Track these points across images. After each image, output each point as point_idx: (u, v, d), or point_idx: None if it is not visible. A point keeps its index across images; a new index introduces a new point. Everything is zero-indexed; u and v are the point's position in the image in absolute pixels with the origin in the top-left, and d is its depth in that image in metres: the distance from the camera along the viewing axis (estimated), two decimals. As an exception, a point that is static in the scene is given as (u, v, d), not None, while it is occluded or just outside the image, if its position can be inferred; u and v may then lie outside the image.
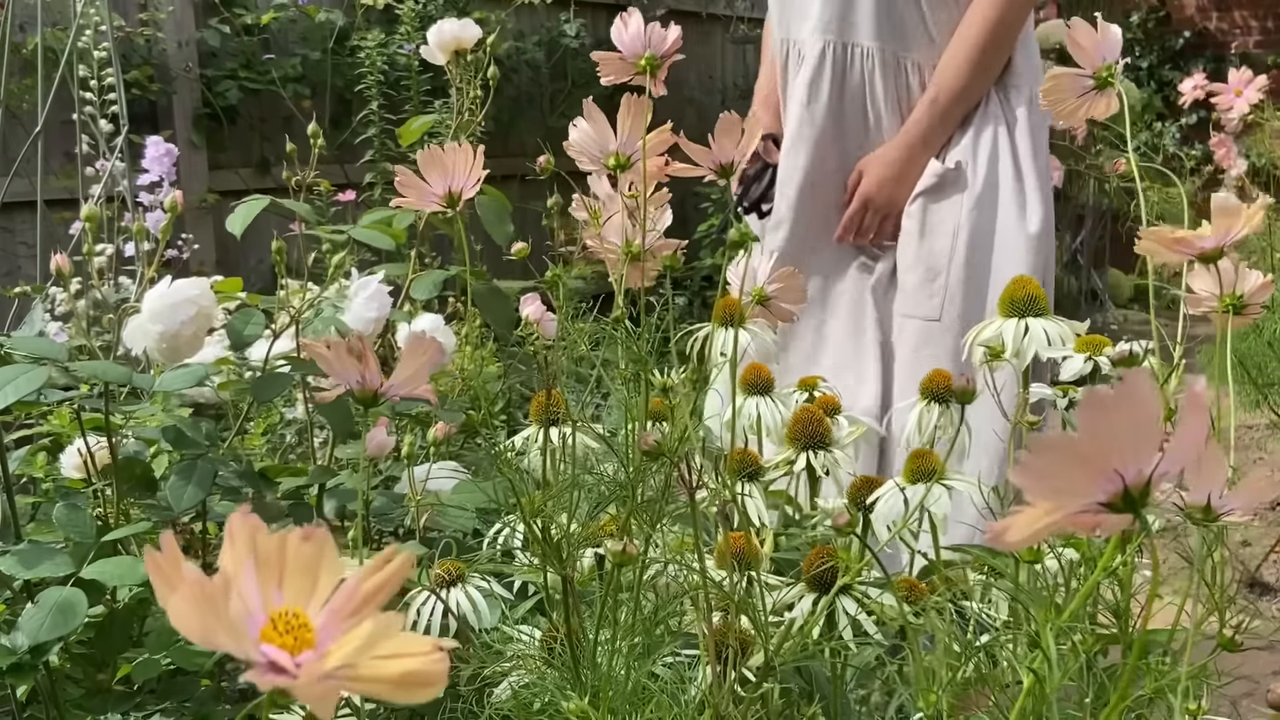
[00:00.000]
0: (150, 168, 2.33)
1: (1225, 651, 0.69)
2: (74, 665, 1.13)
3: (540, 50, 4.61)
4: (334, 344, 0.68)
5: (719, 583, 0.73)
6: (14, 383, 0.98)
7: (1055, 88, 0.77)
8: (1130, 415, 0.41)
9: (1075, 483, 0.42)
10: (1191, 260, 0.70)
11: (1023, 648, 0.63)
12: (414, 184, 0.79)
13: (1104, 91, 0.77)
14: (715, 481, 0.74)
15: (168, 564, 0.38)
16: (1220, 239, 0.69)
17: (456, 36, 1.39)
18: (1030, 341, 0.89)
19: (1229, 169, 2.73)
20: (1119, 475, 0.42)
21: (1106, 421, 0.41)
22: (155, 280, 1.14)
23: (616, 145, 0.81)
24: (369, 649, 0.39)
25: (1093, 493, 0.43)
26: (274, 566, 0.41)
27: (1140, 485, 0.43)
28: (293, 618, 0.40)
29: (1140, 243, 0.69)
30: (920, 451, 0.92)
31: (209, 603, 0.38)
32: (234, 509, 0.42)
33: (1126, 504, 0.43)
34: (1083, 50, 0.76)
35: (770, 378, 1.04)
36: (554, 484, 0.78)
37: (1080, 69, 0.77)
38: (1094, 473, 0.42)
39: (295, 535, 0.41)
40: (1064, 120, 0.78)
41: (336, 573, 0.41)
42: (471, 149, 0.78)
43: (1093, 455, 0.42)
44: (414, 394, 0.69)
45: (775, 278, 0.88)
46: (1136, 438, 0.42)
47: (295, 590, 0.41)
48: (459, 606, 0.92)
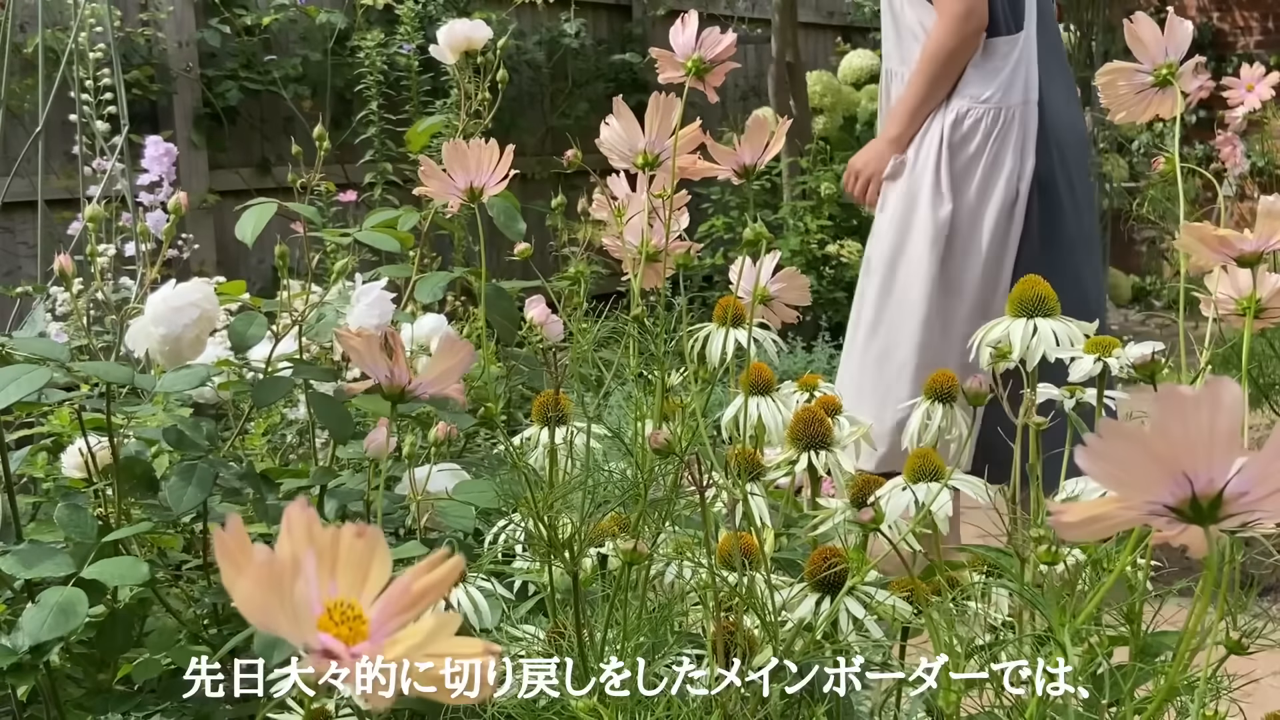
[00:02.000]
0: (150, 167, 2.33)
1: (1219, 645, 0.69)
2: (74, 665, 1.13)
3: (540, 50, 4.61)
4: (365, 336, 0.69)
5: (727, 580, 0.73)
6: (15, 383, 0.98)
7: (1111, 83, 0.75)
8: (1208, 419, 0.39)
9: (1140, 477, 0.40)
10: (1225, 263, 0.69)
11: (1028, 648, 0.62)
12: (437, 176, 0.79)
13: (1165, 90, 0.74)
14: (722, 480, 0.73)
15: (235, 544, 0.38)
16: (1263, 243, 0.67)
17: (468, 37, 1.39)
18: (1039, 342, 0.88)
19: (1233, 168, 2.72)
20: (1188, 480, 0.41)
21: (1182, 421, 0.39)
22: (157, 281, 1.14)
23: (645, 144, 0.81)
24: (428, 644, 0.40)
25: (1158, 492, 0.41)
26: (328, 559, 0.41)
27: (1210, 495, 0.41)
28: (348, 609, 0.40)
29: (1181, 238, 0.67)
30: (922, 451, 0.91)
31: (275, 585, 0.38)
32: (235, 510, 0.42)
33: (1195, 513, 0.41)
34: (1143, 45, 0.74)
35: (771, 378, 1.04)
36: (559, 484, 0.78)
37: (1139, 64, 0.74)
38: (1161, 471, 0.40)
39: (349, 530, 0.42)
40: (1124, 117, 0.76)
41: (386, 570, 0.42)
42: (498, 147, 0.78)
43: (1162, 453, 0.40)
44: (443, 393, 0.70)
45: (778, 277, 0.87)
46: (1212, 444, 0.40)
47: (347, 584, 0.41)
48: (460, 606, 0.92)
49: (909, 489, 0.88)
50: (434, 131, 1.65)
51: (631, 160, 0.82)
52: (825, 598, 0.82)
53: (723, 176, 0.83)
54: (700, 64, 0.81)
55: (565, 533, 0.75)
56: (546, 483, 0.79)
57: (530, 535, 0.79)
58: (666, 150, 0.81)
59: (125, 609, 1.11)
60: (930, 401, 0.95)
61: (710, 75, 0.82)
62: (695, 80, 0.82)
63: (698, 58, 0.81)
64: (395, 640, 0.40)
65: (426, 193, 0.80)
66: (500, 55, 1.43)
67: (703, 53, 0.81)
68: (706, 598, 0.72)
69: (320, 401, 1.15)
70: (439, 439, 1.05)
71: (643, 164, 0.81)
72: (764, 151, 0.81)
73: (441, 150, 0.79)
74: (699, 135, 0.82)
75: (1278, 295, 0.74)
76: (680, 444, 0.70)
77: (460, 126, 1.40)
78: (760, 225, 0.77)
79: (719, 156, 0.81)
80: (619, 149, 0.82)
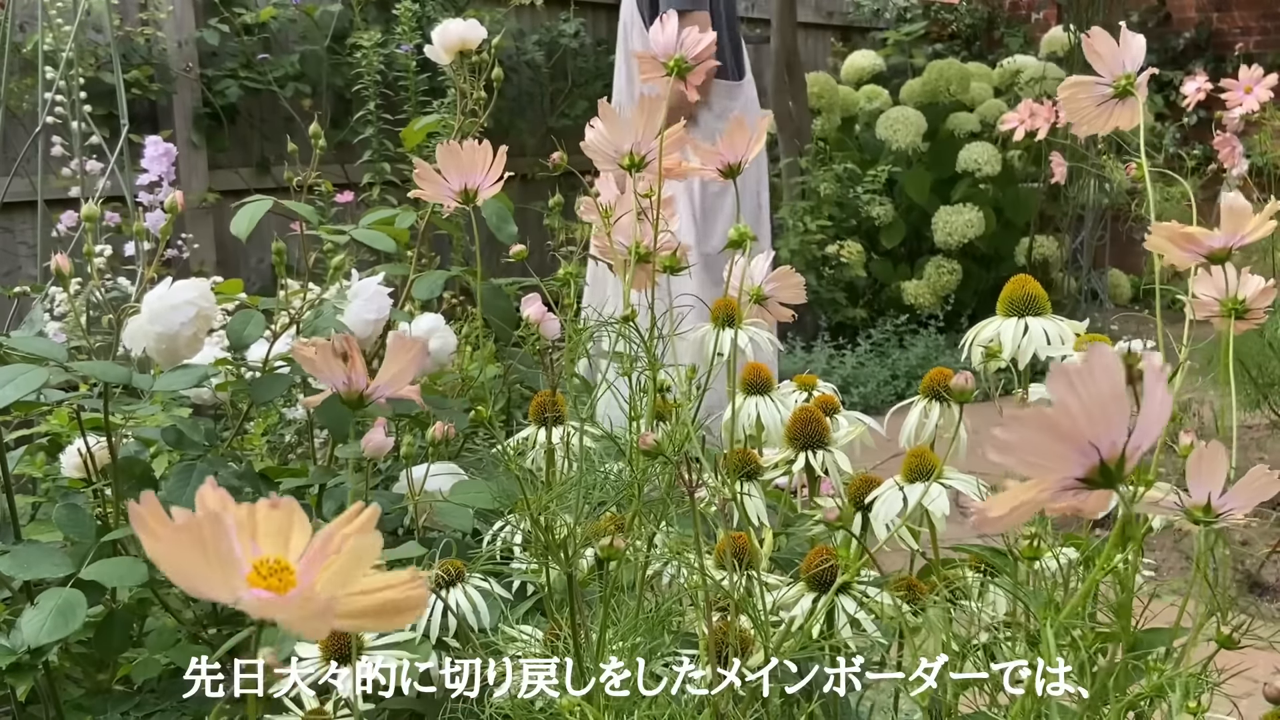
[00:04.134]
0: (149, 167, 2.33)
1: (1225, 650, 0.69)
2: (74, 665, 1.13)
3: (540, 50, 4.61)
4: (319, 346, 0.68)
5: (719, 582, 0.73)
6: (13, 382, 0.98)
7: (1071, 97, 0.76)
8: (1098, 386, 0.41)
9: (1051, 456, 0.43)
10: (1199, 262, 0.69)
11: (1022, 646, 0.63)
12: (431, 178, 0.79)
13: (1125, 101, 0.75)
14: (715, 481, 0.73)
15: (150, 515, 0.39)
16: (1229, 239, 0.68)
17: (462, 37, 1.38)
18: (1030, 341, 0.88)
19: (1232, 168, 2.71)
20: (1094, 448, 0.43)
21: (1075, 393, 0.41)
22: (155, 280, 1.14)
23: (631, 145, 0.81)
24: (352, 570, 0.41)
25: (1070, 467, 0.43)
26: (248, 529, 0.42)
27: (1116, 458, 0.43)
28: (275, 563, 0.41)
29: (1150, 239, 0.68)
30: (918, 450, 0.91)
31: (197, 542, 0.39)
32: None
33: (1105, 478, 0.43)
34: (1100, 58, 0.75)
35: (769, 377, 1.04)
36: (555, 484, 0.78)
37: (1099, 77, 0.75)
38: (1069, 446, 0.43)
39: (263, 504, 0.43)
40: (1086, 130, 0.77)
41: (306, 534, 0.43)
42: (491, 148, 0.78)
43: (1065, 428, 0.42)
44: (399, 394, 0.69)
45: (773, 276, 0.87)
46: (1107, 409, 0.42)
47: (270, 548, 0.42)
48: (458, 606, 0.92)
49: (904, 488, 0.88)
50: (430, 130, 1.65)
51: (617, 162, 0.82)
52: (820, 596, 0.82)
53: (708, 177, 0.82)
54: (682, 64, 0.81)
55: (563, 533, 0.75)
56: (542, 483, 0.79)
57: (527, 536, 0.79)
58: (652, 151, 0.80)
59: (124, 609, 1.11)
60: (927, 400, 0.95)
61: (691, 75, 0.82)
62: (677, 80, 0.82)
63: (679, 57, 0.81)
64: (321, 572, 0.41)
65: (421, 195, 0.80)
66: (495, 55, 1.43)
67: (684, 52, 0.81)
68: (698, 598, 0.72)
69: (323, 399, 1.15)
70: (436, 439, 1.05)
71: (628, 165, 0.81)
72: (747, 150, 0.81)
73: (438, 151, 0.79)
74: (684, 136, 0.82)
75: (1260, 295, 0.74)
76: (672, 445, 0.70)
77: (457, 126, 1.40)
78: (744, 225, 0.77)
79: (702, 157, 0.81)
80: (604, 151, 0.82)
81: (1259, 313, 0.75)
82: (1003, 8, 6.54)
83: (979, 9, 6.43)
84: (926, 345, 4.44)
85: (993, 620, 0.81)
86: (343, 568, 0.41)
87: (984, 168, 4.86)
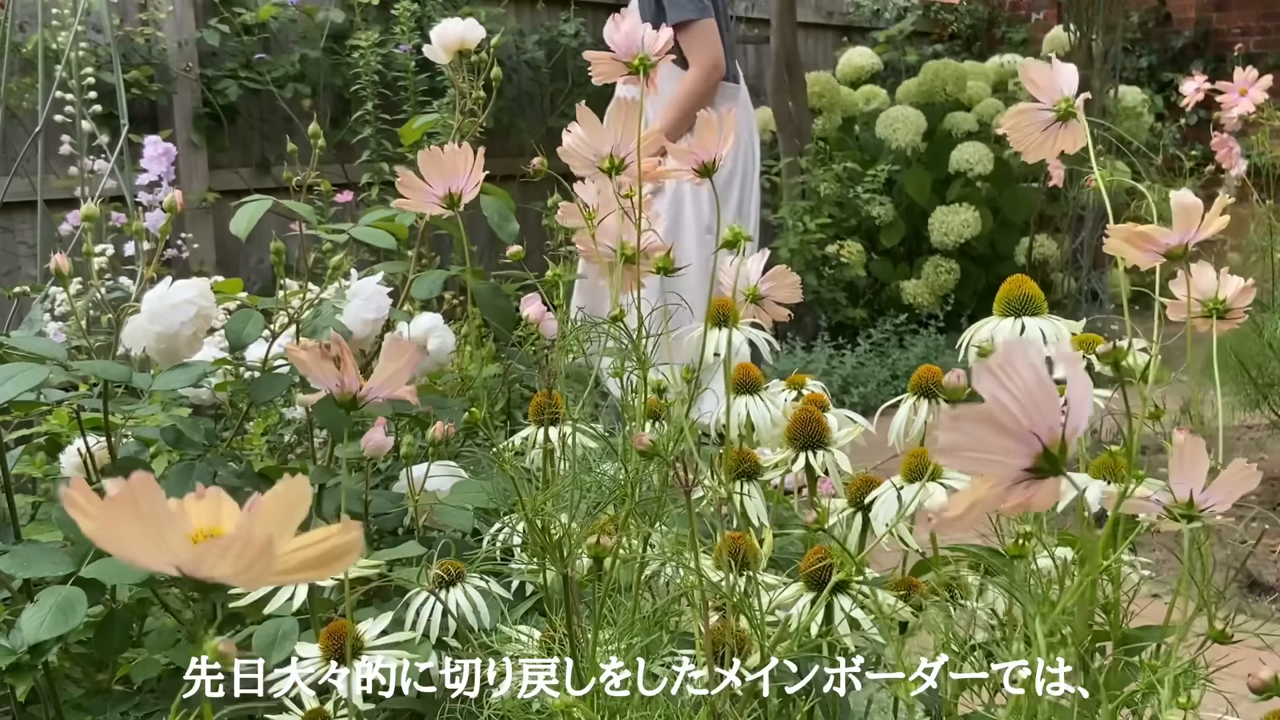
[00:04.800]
0: (149, 167, 2.33)
1: (1221, 647, 0.69)
2: (74, 665, 1.13)
3: (540, 50, 4.61)
4: (310, 349, 0.68)
5: (716, 583, 0.73)
6: (12, 380, 0.98)
7: (1016, 125, 0.77)
8: (1023, 378, 0.42)
9: (996, 450, 0.43)
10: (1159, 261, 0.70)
11: (1019, 645, 0.63)
12: (415, 186, 0.79)
13: (1068, 124, 0.77)
14: (713, 481, 0.73)
15: (81, 495, 0.40)
16: (1184, 236, 0.69)
17: (461, 37, 1.38)
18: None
19: (1230, 169, 2.71)
20: (1035, 436, 0.43)
21: (1004, 388, 0.42)
22: (155, 280, 1.14)
23: (610, 148, 0.81)
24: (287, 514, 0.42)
25: (1016, 458, 0.44)
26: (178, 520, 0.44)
27: (1057, 442, 0.44)
28: (209, 531, 0.44)
29: (1109, 241, 0.69)
30: (918, 450, 0.91)
31: (133, 510, 0.40)
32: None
33: (1050, 463, 0.44)
34: (1038, 87, 0.76)
35: (758, 376, 1.04)
36: (554, 483, 0.78)
37: (1041, 104, 0.77)
38: (1010, 438, 0.43)
39: (190, 497, 0.45)
40: (1034, 156, 0.78)
41: (235, 516, 0.45)
42: (471, 150, 0.77)
43: (1004, 420, 0.43)
44: (394, 395, 0.69)
45: (768, 276, 0.87)
46: (1036, 398, 0.43)
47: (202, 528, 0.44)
48: (458, 606, 0.92)
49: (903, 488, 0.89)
50: (428, 129, 1.65)
51: (595, 165, 0.81)
52: (817, 596, 0.82)
53: (687, 177, 0.82)
54: (645, 61, 0.81)
55: (559, 533, 0.75)
56: (540, 483, 0.79)
57: (526, 535, 0.79)
58: (631, 154, 0.80)
59: (124, 608, 1.11)
60: (916, 397, 0.95)
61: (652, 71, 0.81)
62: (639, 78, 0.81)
63: (643, 55, 0.81)
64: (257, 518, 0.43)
65: (407, 206, 0.80)
66: (493, 54, 1.43)
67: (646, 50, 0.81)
68: (694, 598, 0.72)
69: (318, 400, 1.15)
70: (436, 439, 1.05)
71: (608, 168, 0.81)
72: (721, 146, 0.81)
73: (420, 157, 0.79)
74: (661, 138, 0.82)
75: (1240, 295, 0.75)
76: (666, 445, 0.70)
77: (455, 125, 1.40)
78: (739, 226, 0.77)
79: (677, 156, 0.81)
80: (582, 154, 0.82)
81: (1239, 313, 0.75)
82: (1003, 8, 6.54)
83: (979, 9, 6.43)
84: (926, 345, 4.44)
85: (989, 620, 0.81)
86: (275, 512, 0.42)
87: (975, 167, 4.86)
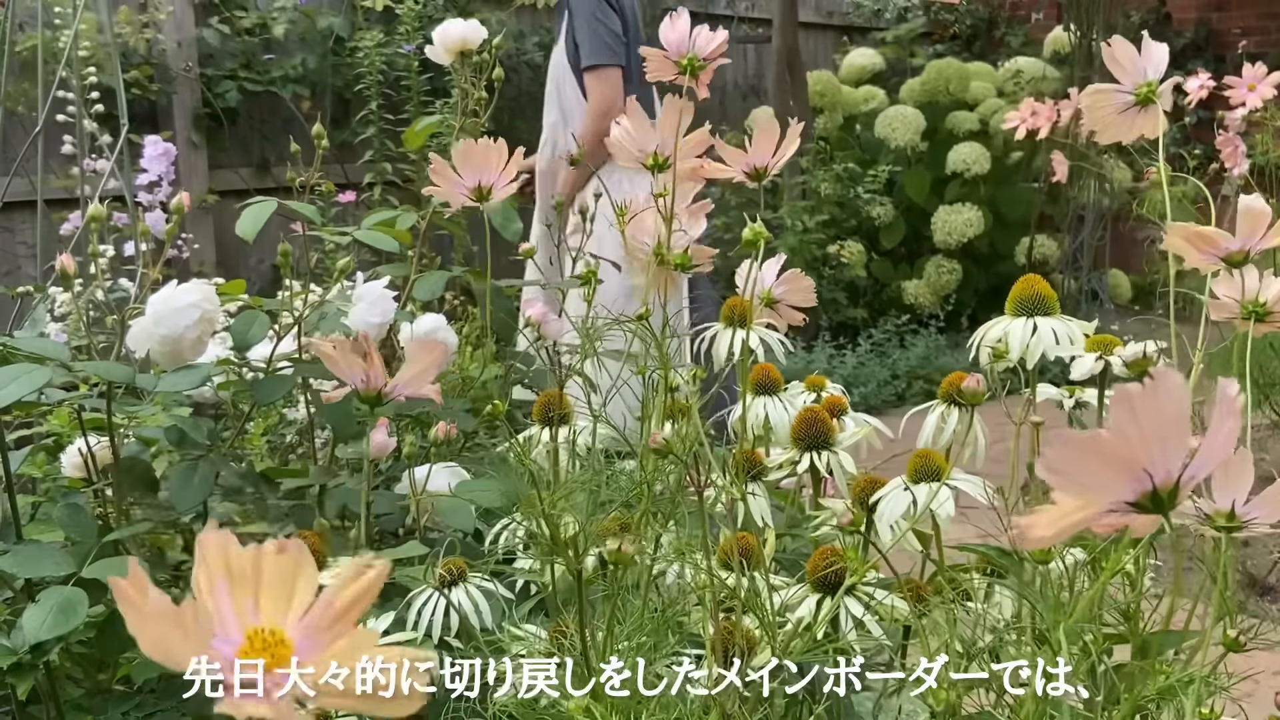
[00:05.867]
0: (149, 167, 2.33)
1: (1230, 653, 0.69)
2: (74, 665, 1.13)
3: (539, 51, 4.61)
4: (340, 343, 0.69)
5: (726, 581, 0.72)
6: (16, 382, 0.98)
7: (1094, 104, 0.76)
8: (1160, 413, 0.39)
9: (1102, 480, 0.41)
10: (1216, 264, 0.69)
11: (1029, 647, 0.62)
12: (446, 174, 0.79)
13: (1146, 108, 0.75)
14: (722, 481, 0.73)
15: (134, 590, 0.38)
16: (1246, 242, 0.68)
17: (463, 37, 1.38)
18: (1038, 341, 0.87)
19: (1233, 168, 2.71)
20: (1147, 475, 0.41)
21: (1136, 419, 0.39)
22: (160, 281, 1.14)
23: (655, 145, 0.81)
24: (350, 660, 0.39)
25: (1120, 491, 0.41)
26: (249, 582, 0.40)
27: (1169, 486, 0.42)
28: (270, 635, 0.40)
29: (1167, 239, 0.68)
30: (923, 450, 0.91)
31: (179, 629, 0.37)
32: (235, 510, 0.43)
33: (1155, 504, 0.42)
34: (1121, 67, 0.75)
35: (778, 378, 1.04)
36: (562, 482, 0.78)
37: (1120, 85, 0.75)
38: (1122, 471, 0.41)
39: (269, 549, 0.41)
40: (1108, 137, 0.77)
41: (313, 582, 0.41)
42: (506, 147, 0.78)
43: (1121, 453, 0.40)
44: (418, 394, 0.70)
45: (783, 279, 0.87)
46: (1166, 437, 0.40)
47: (272, 603, 0.41)
48: (461, 606, 0.91)
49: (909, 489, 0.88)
50: (432, 131, 1.65)
51: (640, 161, 0.81)
52: (825, 598, 0.82)
53: (737, 179, 0.82)
54: (695, 62, 0.81)
55: (568, 533, 0.75)
56: (548, 482, 0.79)
57: (532, 535, 0.79)
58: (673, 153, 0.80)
59: (125, 609, 1.11)
60: (946, 405, 0.94)
61: (702, 73, 0.82)
62: (689, 78, 0.81)
63: (693, 55, 0.81)
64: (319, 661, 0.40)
65: (435, 192, 0.80)
66: (495, 55, 1.43)
67: (696, 50, 0.81)
68: (705, 598, 0.72)
69: (322, 400, 1.14)
70: (439, 439, 1.05)
71: (652, 165, 0.81)
72: (776, 153, 0.81)
73: (440, 150, 0.79)
74: (707, 138, 0.82)
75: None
76: (681, 445, 0.70)
77: (458, 126, 1.40)
78: (760, 225, 0.77)
79: (730, 158, 0.80)
80: (628, 149, 0.81)
81: (1279, 316, 0.74)
82: (1003, 8, 6.54)
83: (979, 9, 6.43)
84: (927, 345, 4.44)
85: (998, 622, 0.81)
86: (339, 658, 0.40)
87: (973, 167, 4.86)
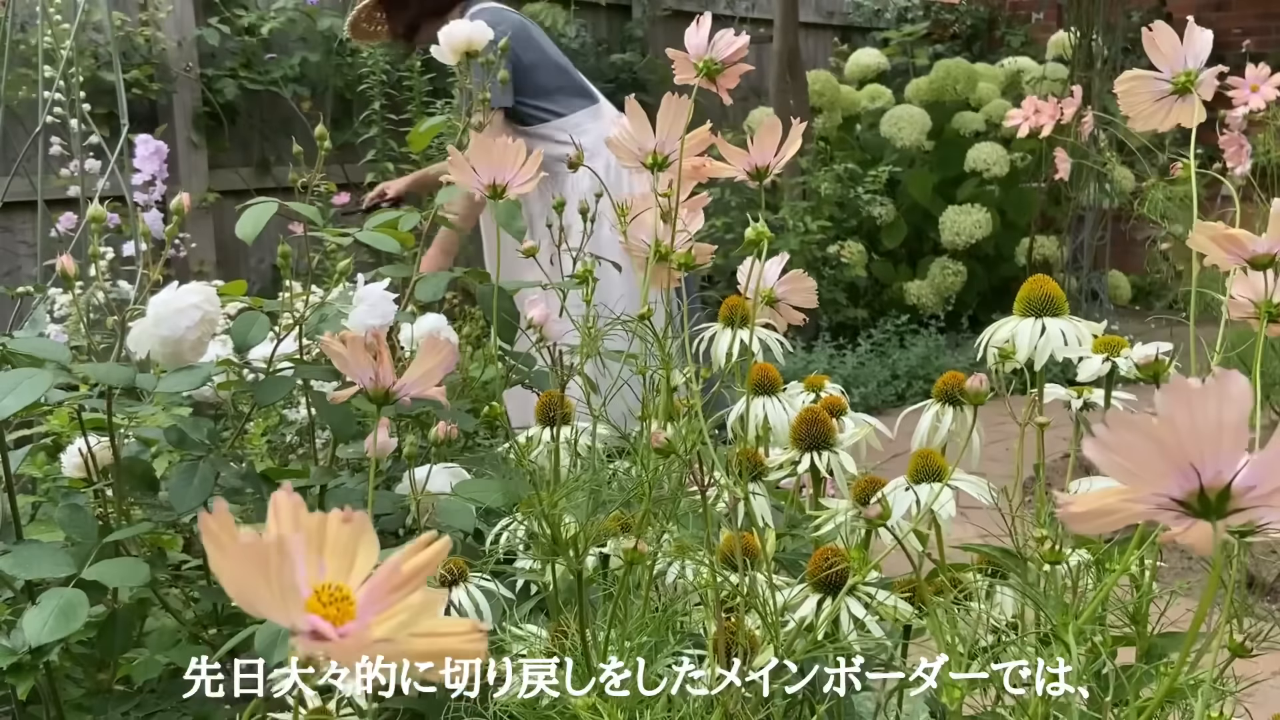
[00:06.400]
0: (141, 166, 2.31)
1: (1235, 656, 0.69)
2: (74, 665, 1.13)
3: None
4: (350, 340, 0.69)
5: (729, 580, 0.72)
6: (17, 389, 0.97)
7: (1130, 91, 0.75)
8: (1215, 411, 0.38)
9: (1147, 468, 0.40)
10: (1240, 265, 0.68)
11: (1032, 648, 0.62)
12: (463, 166, 0.80)
13: (1184, 97, 0.74)
14: (723, 480, 0.73)
15: (220, 527, 0.39)
16: (1272, 245, 0.67)
17: (468, 38, 1.38)
18: (1047, 342, 0.87)
19: (1236, 168, 2.70)
20: (1195, 472, 0.40)
21: (1189, 412, 0.38)
22: (160, 282, 1.14)
23: (655, 144, 0.81)
24: (414, 623, 0.41)
25: (1165, 484, 0.40)
26: (315, 543, 0.42)
27: (1218, 488, 0.40)
28: (336, 590, 0.41)
29: (1193, 237, 0.67)
30: (923, 450, 0.91)
31: (261, 565, 0.38)
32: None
33: (1202, 506, 0.41)
34: (1161, 54, 0.74)
35: (776, 378, 1.04)
36: (562, 482, 0.78)
37: (1158, 73, 0.74)
38: (1168, 463, 0.40)
39: (335, 516, 0.43)
40: (1142, 125, 0.76)
41: (373, 555, 0.43)
42: (525, 149, 0.78)
43: (1169, 443, 0.39)
44: (425, 394, 0.70)
45: (785, 279, 0.87)
46: (1220, 436, 0.39)
47: (335, 568, 0.42)
48: (461, 606, 0.91)
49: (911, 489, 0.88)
50: (436, 132, 1.65)
51: (640, 160, 0.81)
52: (826, 598, 0.82)
53: (739, 178, 0.82)
54: (712, 65, 0.81)
55: (568, 532, 0.75)
56: (548, 482, 0.79)
57: (533, 534, 0.78)
58: (675, 151, 0.80)
59: (125, 609, 1.11)
60: (941, 404, 0.94)
61: (722, 77, 0.82)
62: (707, 81, 0.82)
63: (709, 59, 0.81)
64: (381, 618, 0.41)
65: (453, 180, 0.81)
66: (500, 56, 1.43)
67: (715, 54, 0.81)
68: (707, 597, 0.72)
69: (323, 401, 1.15)
70: (439, 439, 1.05)
71: (652, 164, 0.81)
72: (778, 153, 0.81)
73: (442, 150, 0.80)
74: (709, 137, 0.82)
75: None
76: (682, 444, 0.70)
77: (462, 126, 1.40)
78: (762, 225, 0.77)
79: (731, 157, 0.81)
80: (628, 148, 0.82)
81: None
82: (1003, 8, 6.54)
83: (980, 9, 6.43)
84: (927, 345, 4.44)
85: (1000, 622, 0.80)
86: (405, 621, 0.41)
87: (993, 168, 4.85)
